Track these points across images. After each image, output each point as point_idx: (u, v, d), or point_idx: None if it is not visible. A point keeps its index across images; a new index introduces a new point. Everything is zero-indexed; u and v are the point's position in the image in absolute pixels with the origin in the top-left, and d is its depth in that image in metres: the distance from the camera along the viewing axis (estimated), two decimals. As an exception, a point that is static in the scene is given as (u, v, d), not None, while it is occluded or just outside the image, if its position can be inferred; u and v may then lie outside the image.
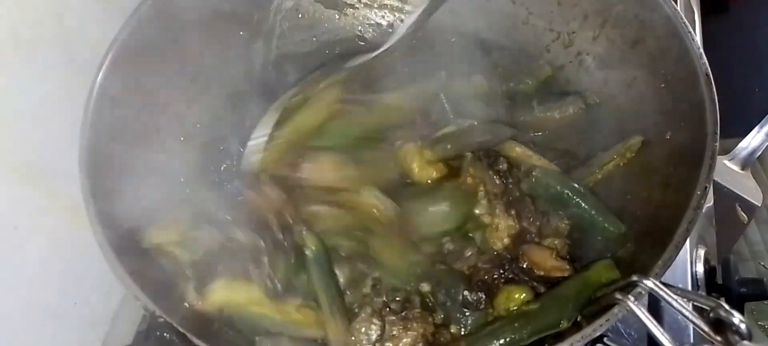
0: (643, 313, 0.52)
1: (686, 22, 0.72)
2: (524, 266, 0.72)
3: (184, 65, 0.87)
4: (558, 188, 0.76)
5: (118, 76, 0.76)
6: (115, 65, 0.76)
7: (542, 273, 0.71)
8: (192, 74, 0.89)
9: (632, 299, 0.54)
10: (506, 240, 0.74)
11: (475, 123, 0.82)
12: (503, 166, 0.79)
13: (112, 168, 0.74)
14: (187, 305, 0.69)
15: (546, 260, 0.72)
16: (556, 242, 0.74)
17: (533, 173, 0.77)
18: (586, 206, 0.75)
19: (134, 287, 0.61)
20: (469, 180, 0.76)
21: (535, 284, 0.70)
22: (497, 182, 0.77)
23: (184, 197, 0.81)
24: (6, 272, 0.75)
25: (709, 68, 0.68)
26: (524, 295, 0.68)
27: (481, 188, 0.75)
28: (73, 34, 0.83)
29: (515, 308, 0.67)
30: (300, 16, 0.99)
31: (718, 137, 0.64)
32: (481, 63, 0.91)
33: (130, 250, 0.69)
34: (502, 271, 0.72)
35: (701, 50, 0.69)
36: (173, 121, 0.86)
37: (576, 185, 0.76)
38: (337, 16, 1.01)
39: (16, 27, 0.73)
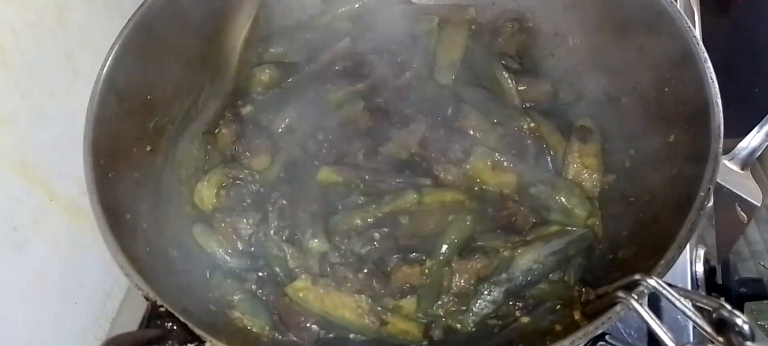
0: (647, 312, 0.52)
1: (690, 26, 0.72)
2: None
3: (187, 61, 0.87)
4: None
5: (123, 69, 0.76)
6: (120, 57, 0.76)
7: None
8: (195, 70, 0.89)
9: (635, 297, 0.54)
10: None
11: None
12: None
13: (116, 158, 0.74)
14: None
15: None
16: None
17: None
18: None
19: (136, 276, 0.61)
20: None
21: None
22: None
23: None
24: (6, 272, 0.74)
25: (713, 72, 0.68)
26: None
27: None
28: (74, 34, 0.82)
29: None
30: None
31: (721, 140, 0.64)
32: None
33: (132, 241, 0.69)
34: None
35: (705, 54, 0.70)
36: (175, 115, 0.87)
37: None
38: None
39: (16, 28, 0.73)
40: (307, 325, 0.75)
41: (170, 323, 0.60)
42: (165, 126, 0.85)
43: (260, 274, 0.79)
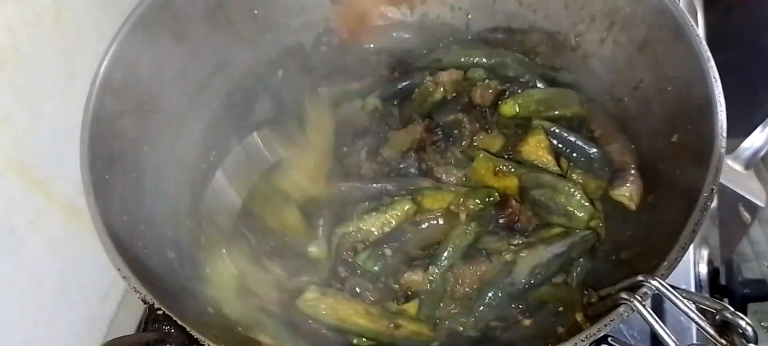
0: (650, 313, 0.52)
1: (693, 24, 0.71)
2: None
3: (185, 60, 0.87)
4: None
5: (120, 68, 0.75)
6: (118, 56, 0.75)
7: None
8: (193, 70, 0.89)
9: (639, 299, 0.53)
10: None
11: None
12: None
13: (113, 158, 0.73)
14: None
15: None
16: None
17: None
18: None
19: (133, 278, 0.60)
20: None
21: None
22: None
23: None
24: (2, 273, 0.74)
25: (716, 70, 0.67)
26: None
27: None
28: (71, 34, 0.82)
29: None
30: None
31: (724, 140, 0.63)
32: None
33: (129, 242, 0.68)
34: None
35: (709, 53, 0.69)
36: (174, 115, 0.86)
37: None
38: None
39: (13, 27, 0.73)
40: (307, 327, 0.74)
41: (168, 326, 0.60)
42: (163, 126, 0.84)
43: (258, 276, 0.78)
